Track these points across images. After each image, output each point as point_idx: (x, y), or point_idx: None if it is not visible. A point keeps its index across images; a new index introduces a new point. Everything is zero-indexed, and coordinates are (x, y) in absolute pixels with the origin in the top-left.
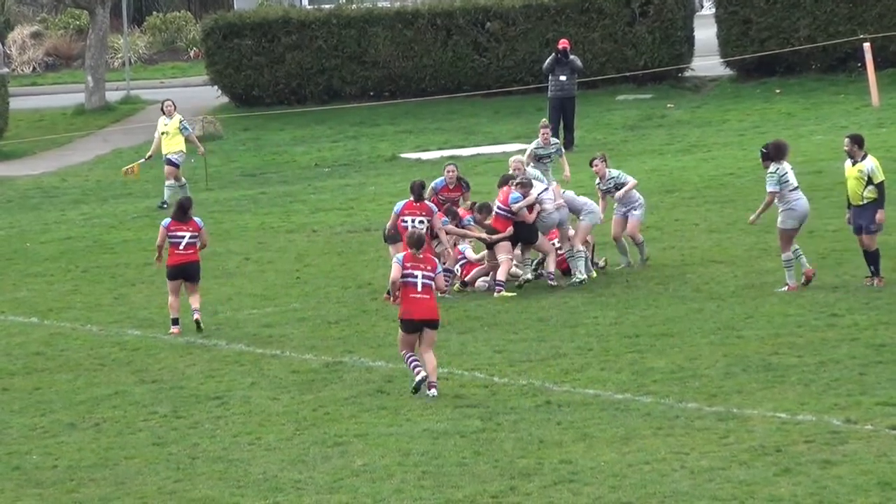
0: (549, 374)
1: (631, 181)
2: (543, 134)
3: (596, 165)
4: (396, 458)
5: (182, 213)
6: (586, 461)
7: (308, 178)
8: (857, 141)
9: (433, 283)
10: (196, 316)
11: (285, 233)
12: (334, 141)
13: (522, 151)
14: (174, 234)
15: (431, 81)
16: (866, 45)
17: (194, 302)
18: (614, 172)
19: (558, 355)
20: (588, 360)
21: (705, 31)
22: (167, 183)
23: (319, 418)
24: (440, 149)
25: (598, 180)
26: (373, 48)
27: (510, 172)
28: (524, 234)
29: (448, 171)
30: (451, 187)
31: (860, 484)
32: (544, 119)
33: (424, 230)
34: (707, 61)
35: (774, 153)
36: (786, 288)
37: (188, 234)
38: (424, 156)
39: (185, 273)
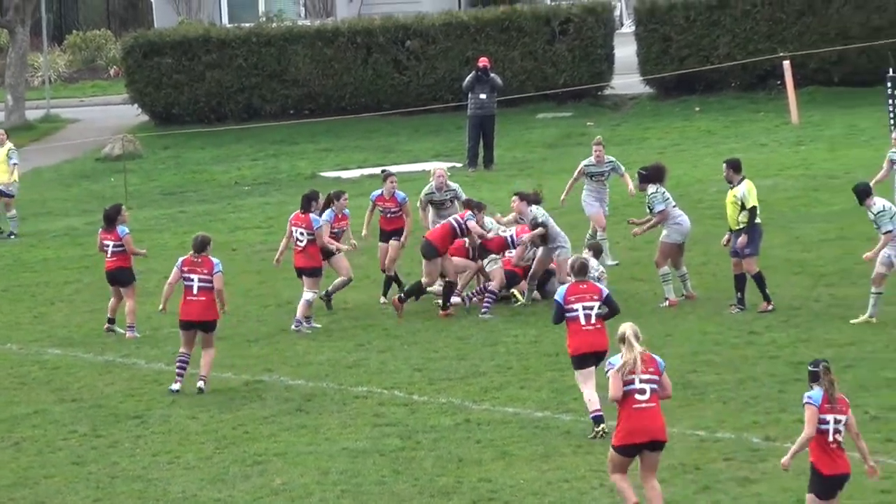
0: (468, 393)
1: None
2: (596, 151)
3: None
4: (315, 477)
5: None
6: (506, 479)
7: (228, 197)
8: (733, 166)
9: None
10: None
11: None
12: (254, 159)
13: (448, 169)
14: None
15: (351, 99)
16: (786, 63)
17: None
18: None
19: (478, 374)
20: (508, 379)
21: (625, 49)
22: (7, 214)
23: (239, 437)
24: (360, 167)
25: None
26: (293, 66)
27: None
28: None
29: (391, 182)
30: (387, 197)
31: (779, 501)
32: (599, 136)
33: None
34: (627, 79)
35: (655, 175)
36: (666, 303)
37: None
38: (344, 174)
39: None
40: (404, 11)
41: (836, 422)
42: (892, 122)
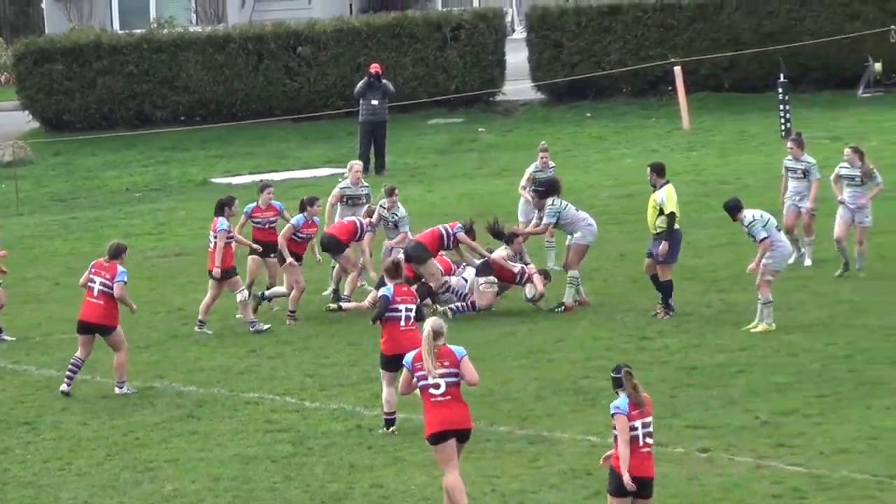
0: (360, 399)
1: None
2: (542, 157)
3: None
4: (207, 484)
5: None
6: (397, 485)
7: (119, 203)
8: (656, 169)
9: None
10: None
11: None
12: (145, 166)
13: (336, 176)
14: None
15: (242, 106)
16: (677, 69)
17: None
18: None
19: (369, 379)
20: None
21: (517, 55)
22: None
23: (130, 443)
24: (251, 173)
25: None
26: (184, 73)
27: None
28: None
29: (267, 193)
30: (263, 207)
31: None
32: (543, 142)
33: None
34: (518, 85)
35: (551, 190)
36: (563, 308)
37: None
38: (235, 180)
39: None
40: (295, 18)
41: (645, 426)
42: (782, 127)
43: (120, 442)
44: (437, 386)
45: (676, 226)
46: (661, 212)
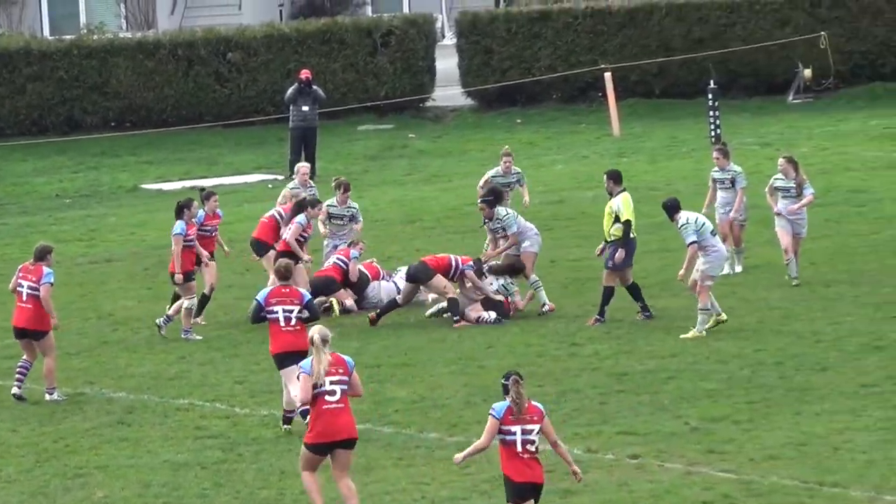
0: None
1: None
2: (505, 162)
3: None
4: (137, 490)
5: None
6: (327, 491)
7: (49, 209)
8: (612, 177)
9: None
10: None
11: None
12: (75, 171)
13: (265, 182)
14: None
15: (173, 112)
16: (607, 75)
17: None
18: (736, 168)
19: None
20: None
21: (447, 62)
22: None
23: (60, 450)
24: (181, 179)
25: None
26: (114, 79)
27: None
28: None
29: (213, 200)
30: (211, 215)
31: None
32: (507, 147)
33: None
34: (449, 91)
35: (498, 198)
36: (546, 307)
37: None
38: (166, 186)
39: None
40: (226, 24)
41: (525, 432)
42: (712, 133)
43: (50, 448)
44: (332, 393)
45: (633, 234)
46: (618, 219)
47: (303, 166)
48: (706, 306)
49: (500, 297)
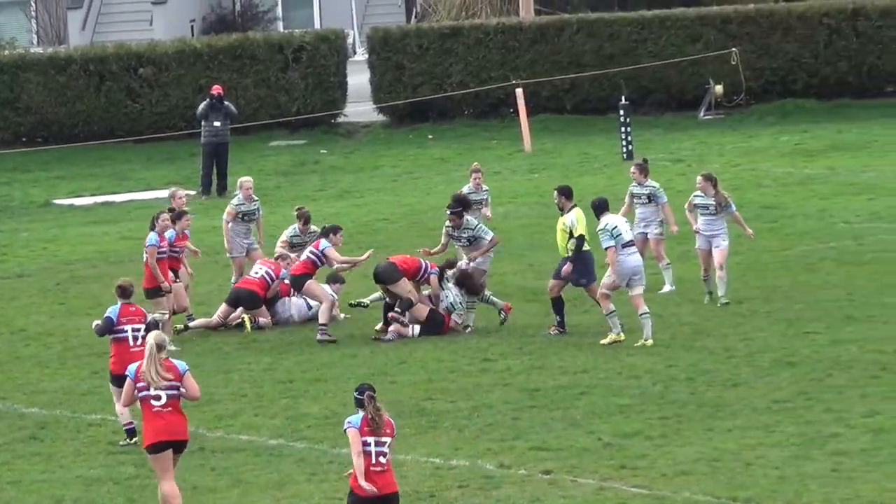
0: (202, 420)
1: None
2: (475, 178)
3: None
4: None
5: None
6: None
7: None
8: (565, 193)
9: None
10: None
11: None
12: None
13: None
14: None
15: (84, 127)
16: (519, 91)
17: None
18: (653, 183)
19: (212, 401)
20: (242, 406)
21: (359, 77)
22: None
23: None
24: (93, 195)
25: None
26: (25, 94)
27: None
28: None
29: (185, 220)
30: (181, 235)
31: None
32: (476, 163)
33: None
34: (360, 107)
35: (467, 206)
36: (504, 317)
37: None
38: (77, 201)
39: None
40: (137, 39)
41: (378, 444)
42: (624, 149)
43: None
44: (158, 398)
45: (587, 247)
46: (572, 234)
47: (246, 180)
48: (609, 310)
49: (443, 312)
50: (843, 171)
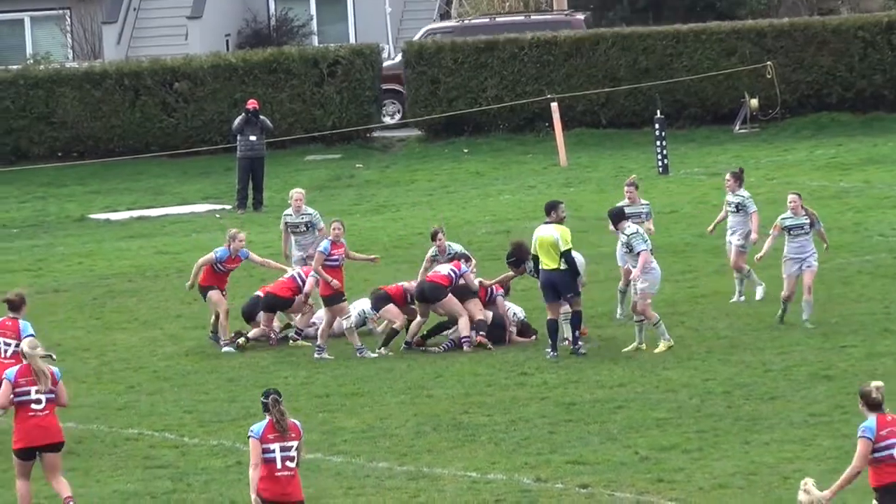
0: (239, 435)
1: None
2: (628, 192)
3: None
4: None
5: None
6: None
7: None
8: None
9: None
10: None
11: None
12: (22, 202)
13: (212, 212)
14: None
15: (119, 142)
16: (554, 105)
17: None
18: (745, 192)
19: (248, 415)
20: None
21: None
22: None
23: (9, 480)
24: (129, 209)
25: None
26: (61, 109)
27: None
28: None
29: (238, 241)
30: (233, 256)
31: None
32: (633, 176)
33: None
34: (395, 121)
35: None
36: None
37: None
38: (113, 216)
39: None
40: (172, 54)
41: (284, 449)
42: (659, 163)
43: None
44: (38, 402)
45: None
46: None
47: (295, 192)
48: (655, 320)
49: (512, 328)
50: (878, 185)
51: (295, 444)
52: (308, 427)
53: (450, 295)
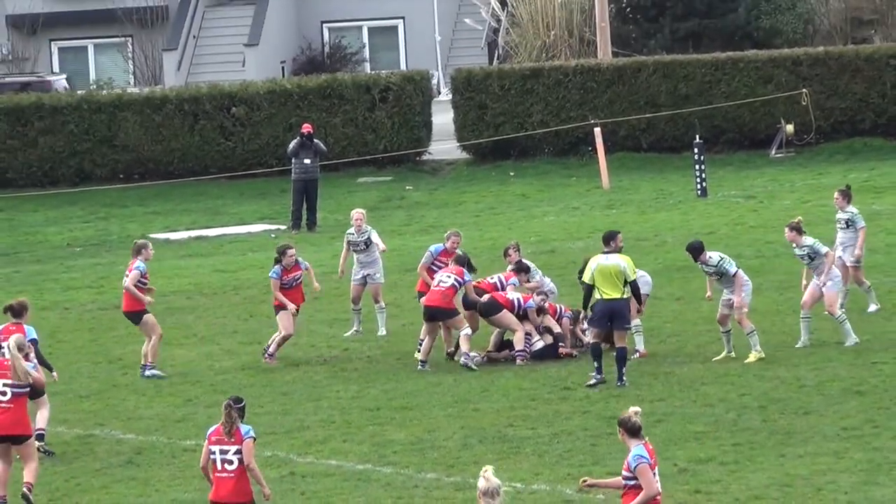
0: (293, 446)
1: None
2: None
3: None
4: None
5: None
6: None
7: (60, 258)
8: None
9: None
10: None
11: (38, 310)
12: (86, 221)
13: (267, 231)
14: None
15: (179, 164)
16: (597, 130)
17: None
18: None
19: (302, 428)
20: (331, 433)
21: (443, 116)
22: None
23: (72, 489)
24: (188, 229)
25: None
26: (123, 132)
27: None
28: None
29: (289, 256)
30: (288, 269)
31: None
32: (797, 218)
33: None
34: (444, 145)
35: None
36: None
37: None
38: (173, 236)
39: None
40: (230, 80)
41: (223, 452)
42: (698, 187)
43: (62, 488)
44: (3, 393)
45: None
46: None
47: (355, 212)
48: (751, 329)
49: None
50: None
51: (233, 448)
52: (358, 439)
53: (504, 310)
